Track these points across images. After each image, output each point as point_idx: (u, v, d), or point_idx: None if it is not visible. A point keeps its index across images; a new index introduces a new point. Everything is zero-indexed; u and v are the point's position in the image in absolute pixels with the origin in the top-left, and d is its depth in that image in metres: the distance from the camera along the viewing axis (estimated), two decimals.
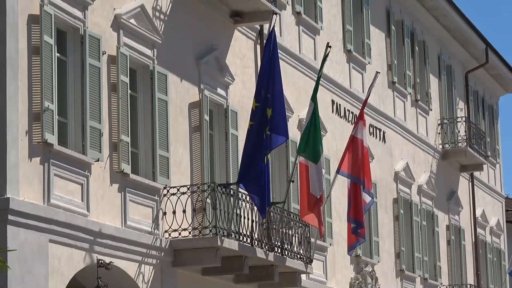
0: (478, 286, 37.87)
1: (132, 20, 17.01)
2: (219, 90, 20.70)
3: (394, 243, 30.67)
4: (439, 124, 37.33)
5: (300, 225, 21.60)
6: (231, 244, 18.07)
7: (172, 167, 18.44)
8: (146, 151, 17.90)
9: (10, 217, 13.11)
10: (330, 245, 25.56)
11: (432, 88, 37.48)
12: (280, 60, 20.07)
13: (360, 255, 27.04)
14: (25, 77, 14.09)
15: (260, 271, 20.14)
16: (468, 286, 36.95)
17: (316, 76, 22.20)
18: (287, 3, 24.89)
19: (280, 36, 23.22)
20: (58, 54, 14.94)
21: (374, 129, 29.84)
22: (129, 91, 17.19)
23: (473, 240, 38.95)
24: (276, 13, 20.92)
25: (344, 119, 27.19)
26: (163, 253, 17.70)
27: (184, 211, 17.50)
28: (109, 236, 15.85)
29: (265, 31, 22.00)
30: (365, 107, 25.28)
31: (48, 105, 14.30)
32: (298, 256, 21.67)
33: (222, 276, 19.36)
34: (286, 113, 21.13)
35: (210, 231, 17.75)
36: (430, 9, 35.35)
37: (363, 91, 28.06)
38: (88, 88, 15.73)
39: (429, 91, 37.20)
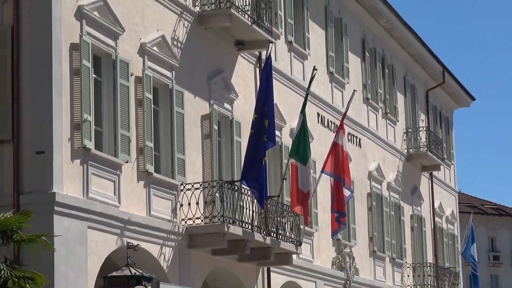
0: (436, 264, 38.26)
1: (154, 48, 17.40)
2: (226, 105, 21.08)
3: (367, 229, 30.87)
4: (404, 133, 37.61)
5: (292, 214, 21.88)
6: (235, 230, 18.53)
7: (187, 167, 18.76)
8: (166, 154, 18.18)
9: (56, 208, 13.57)
10: (316, 231, 25.76)
11: (399, 103, 37.75)
12: (274, 80, 20.71)
13: (341, 239, 27.31)
14: (67, 94, 14.44)
15: (259, 252, 20.50)
16: (428, 264, 37.11)
17: (305, 93, 22.55)
18: (281, 33, 25.04)
19: (275, 60, 23.28)
20: (95, 76, 15.27)
21: (352, 136, 29.87)
22: (152, 105, 17.50)
23: (432, 227, 39.57)
24: (272, 42, 21.77)
25: (328, 129, 27.30)
26: (180, 237, 18.12)
27: (197, 203, 17.97)
28: (136, 224, 16.26)
29: (263, 57, 22.39)
30: (345, 119, 25.39)
31: (87, 117, 14.68)
32: (290, 239, 21.97)
33: (228, 256, 19.71)
34: (280, 123, 22.25)
35: (219, 219, 18.14)
36: (397, 39, 35.78)
37: (342, 106, 28.16)
38: (119, 103, 16.09)
39: (396, 105, 37.40)
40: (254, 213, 19.76)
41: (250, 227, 19.47)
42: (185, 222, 18.27)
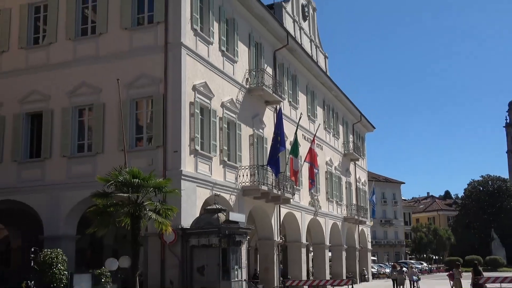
0: (357, 204, 41.54)
1: (228, 104, 21.47)
2: (260, 130, 24.80)
3: (325, 189, 34.44)
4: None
5: (290, 181, 25.51)
6: (264, 187, 22.63)
7: (242, 158, 22.64)
8: (232, 152, 21.85)
9: (182, 177, 17.47)
10: (301, 189, 29.06)
11: None
12: (284, 119, 24.77)
13: (312, 192, 30.83)
14: (187, 124, 18.18)
15: (275, 198, 24.17)
16: (354, 204, 40.78)
17: (296, 125, 26.68)
18: (286, 98, 28.17)
19: (283, 109, 26.42)
20: (200, 116, 19.10)
21: (318, 145, 32.57)
22: (226, 130, 21.22)
23: (355, 188, 42.98)
24: (281, 101, 26.55)
25: (308, 141, 29.90)
26: (239, 191, 21.76)
27: (246, 175, 22.40)
28: (218, 184, 20.01)
29: (277, 107, 25.97)
30: (316, 137, 30.09)
31: (196, 135, 18.60)
32: (289, 192, 25.54)
33: (260, 199, 23.30)
34: (284, 138, 24.36)
35: (257, 183, 22.40)
36: (329, 89, 36.92)
37: (315, 131, 31.08)
38: (211, 129, 19.85)
39: None
40: (273, 180, 23.57)
41: (271, 186, 23.28)
42: (241, 184, 21.94)
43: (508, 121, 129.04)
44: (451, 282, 22.58)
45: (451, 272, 23.00)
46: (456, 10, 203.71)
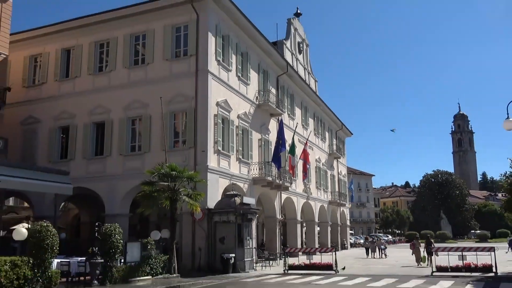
0: (339, 191, 40.18)
1: (242, 115, 21.23)
2: (266, 136, 24.54)
3: (315, 180, 33.62)
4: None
5: (288, 173, 25.22)
6: (269, 178, 22.65)
7: (253, 156, 22.43)
8: (246, 152, 21.69)
9: (208, 170, 17.52)
10: (296, 179, 28.45)
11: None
12: (284, 127, 24.42)
13: (305, 182, 30.22)
14: (212, 131, 18.15)
15: (278, 186, 24.00)
16: (337, 191, 39.59)
17: (293, 132, 26.47)
18: (286, 111, 27.77)
19: (283, 120, 26.25)
20: (222, 125, 18.96)
21: (310, 146, 31.58)
22: (241, 135, 21.20)
23: (338, 179, 40.73)
24: (282, 114, 26.19)
25: (302, 144, 29.23)
26: (250, 181, 21.66)
27: (256, 169, 22.22)
28: (235, 176, 19.92)
29: (279, 118, 25.72)
30: (308, 140, 29.85)
31: (218, 139, 18.49)
32: (288, 181, 25.31)
33: (266, 187, 23.08)
34: (285, 141, 23.64)
35: (264, 175, 22.30)
36: (318, 105, 35.78)
37: (307, 136, 31.07)
38: (229, 134, 19.66)
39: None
40: (276, 173, 23.42)
41: (274, 177, 23.18)
42: (252, 175, 21.95)
43: (453, 129, 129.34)
44: (412, 250, 22.56)
45: (412, 242, 22.82)
46: (406, 42, 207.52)
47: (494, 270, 15.11)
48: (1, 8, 18.47)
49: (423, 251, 20.81)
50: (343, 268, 17.90)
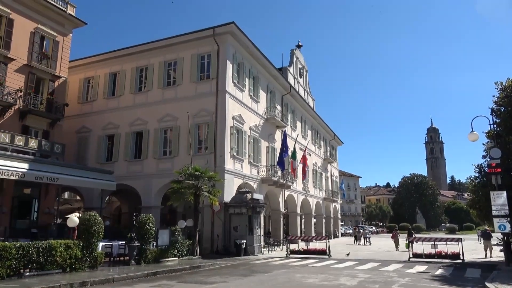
0: (332, 190, 38.30)
1: (253, 127, 20.95)
2: (273, 144, 23.96)
3: (312, 180, 32.51)
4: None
5: (290, 174, 24.83)
6: (274, 178, 22.23)
7: (261, 160, 22.08)
8: (256, 156, 21.25)
9: (225, 172, 17.38)
10: (297, 180, 27.70)
11: None
12: (287, 137, 23.49)
13: (304, 182, 29.53)
14: (229, 139, 18.08)
15: (282, 185, 23.47)
16: (331, 190, 38.11)
17: (295, 141, 26.35)
18: (289, 124, 27.12)
19: (287, 131, 25.34)
20: (237, 135, 18.82)
21: (308, 153, 30.68)
22: (252, 143, 20.85)
23: (331, 180, 38.74)
24: (285, 126, 25.34)
25: (302, 151, 28.38)
26: (259, 180, 21.29)
27: (263, 170, 21.83)
28: (247, 176, 19.67)
29: (283, 130, 24.62)
30: (306, 147, 29.37)
31: (233, 146, 18.47)
32: (290, 181, 25.01)
33: (272, 186, 22.63)
34: (288, 148, 22.75)
35: (271, 175, 21.92)
36: (315, 119, 34.56)
37: (306, 144, 30.57)
38: (242, 142, 19.20)
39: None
40: (280, 174, 23.07)
41: (279, 178, 22.84)
42: (261, 176, 21.60)
43: (426, 140, 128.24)
44: (393, 239, 22.55)
45: (393, 233, 22.87)
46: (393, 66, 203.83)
47: (461, 257, 15.05)
48: (63, 41, 19.03)
49: (406, 240, 20.39)
50: (348, 254, 17.66)
